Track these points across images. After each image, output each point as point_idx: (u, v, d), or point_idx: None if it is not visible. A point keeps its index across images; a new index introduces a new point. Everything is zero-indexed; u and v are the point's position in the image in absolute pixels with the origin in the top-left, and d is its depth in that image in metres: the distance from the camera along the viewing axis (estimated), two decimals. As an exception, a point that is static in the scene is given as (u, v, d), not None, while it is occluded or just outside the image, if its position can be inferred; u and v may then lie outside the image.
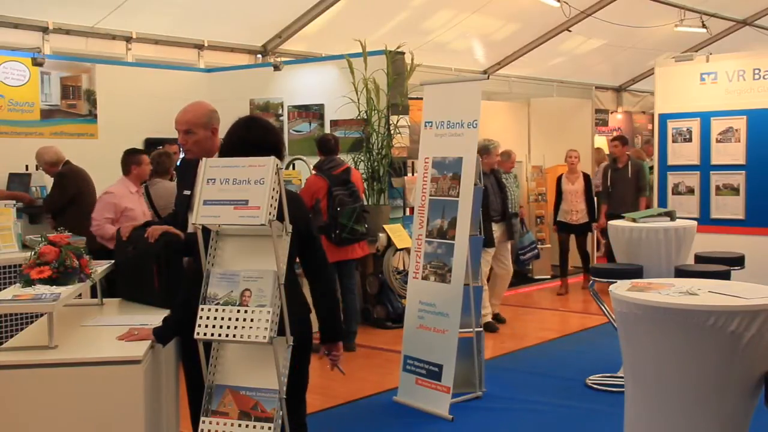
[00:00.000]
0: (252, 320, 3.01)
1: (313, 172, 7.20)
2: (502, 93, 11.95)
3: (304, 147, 8.74)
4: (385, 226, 7.93)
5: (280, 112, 9.12)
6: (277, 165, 3.10)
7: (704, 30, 11.15)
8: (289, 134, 9.08)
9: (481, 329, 5.87)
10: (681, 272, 5.70)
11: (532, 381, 6.18)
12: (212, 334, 3.04)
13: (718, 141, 8.42)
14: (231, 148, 3.37)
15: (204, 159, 3.27)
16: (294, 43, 9.60)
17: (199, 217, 3.12)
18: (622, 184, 9.76)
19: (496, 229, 7.87)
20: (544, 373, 6.42)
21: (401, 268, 8.11)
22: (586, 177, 10.12)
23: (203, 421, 3.10)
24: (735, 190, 8.27)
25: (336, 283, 6.43)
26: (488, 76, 8.97)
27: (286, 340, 3.09)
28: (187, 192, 3.80)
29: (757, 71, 8.14)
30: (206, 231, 3.22)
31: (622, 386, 3.88)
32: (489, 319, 7.89)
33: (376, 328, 7.99)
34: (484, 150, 7.48)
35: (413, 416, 5.37)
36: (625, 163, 9.83)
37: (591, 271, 6.30)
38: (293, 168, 8.38)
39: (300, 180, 7.95)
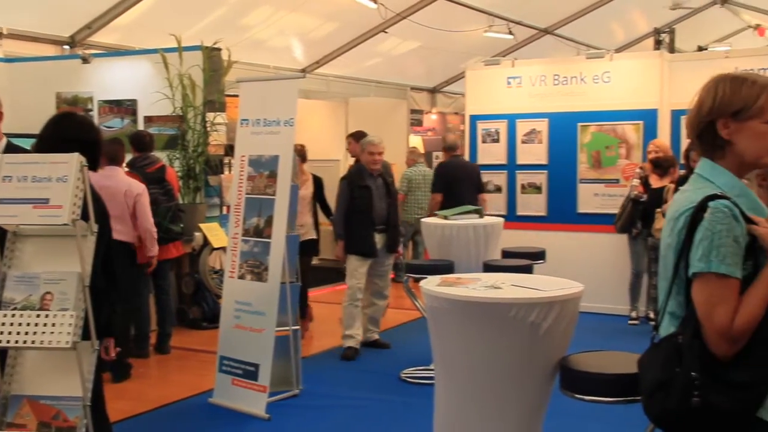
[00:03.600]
0: (54, 325, 2.86)
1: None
2: (321, 92, 12.02)
3: (116, 143, 8.38)
4: (201, 225, 7.77)
5: (89, 106, 8.70)
6: (81, 162, 2.97)
7: (511, 36, 11.74)
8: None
9: (298, 327, 5.88)
10: (489, 267, 6.00)
11: (349, 377, 6.27)
12: (8, 342, 2.86)
13: (523, 142, 8.91)
14: (40, 144, 3.24)
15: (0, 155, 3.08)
16: (105, 34, 9.18)
17: (-7, 216, 2.93)
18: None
19: (379, 240, 6.95)
20: (360, 368, 6.53)
21: (218, 267, 7.99)
22: (317, 181, 7.82)
23: (-2, 435, 2.92)
24: (538, 189, 8.79)
25: None
26: (305, 75, 9.00)
27: (91, 345, 2.97)
28: None
29: (556, 77, 8.69)
30: (2, 231, 3.04)
31: (434, 378, 4.02)
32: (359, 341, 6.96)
33: (192, 329, 7.82)
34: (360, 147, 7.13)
35: (229, 417, 5.31)
36: None
37: (405, 268, 6.47)
38: (104, 165, 8.02)
39: (111, 177, 7.62)
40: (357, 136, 8.00)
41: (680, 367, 2.14)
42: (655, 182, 7.58)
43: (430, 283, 3.77)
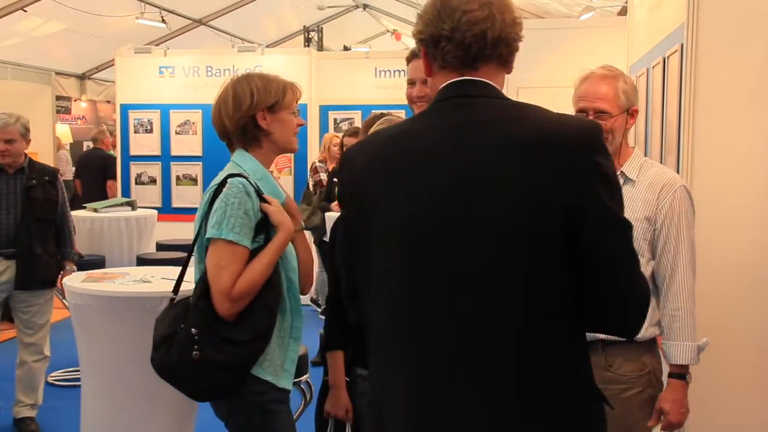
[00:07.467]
0: None
1: None
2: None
3: None
4: None
5: None
6: None
7: (164, 25, 11.49)
8: None
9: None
10: (142, 261, 5.87)
11: (-12, 386, 5.75)
12: None
13: (177, 133, 8.81)
14: None
15: None
16: None
17: None
18: None
19: (6, 270, 4.64)
20: (2, 376, 6.01)
21: None
22: None
23: None
24: (193, 180, 8.76)
25: None
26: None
27: None
28: None
29: (209, 68, 8.72)
30: None
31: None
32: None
33: None
34: None
35: None
36: None
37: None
38: None
39: None
40: None
41: (184, 324, 2.38)
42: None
43: (75, 280, 3.62)
